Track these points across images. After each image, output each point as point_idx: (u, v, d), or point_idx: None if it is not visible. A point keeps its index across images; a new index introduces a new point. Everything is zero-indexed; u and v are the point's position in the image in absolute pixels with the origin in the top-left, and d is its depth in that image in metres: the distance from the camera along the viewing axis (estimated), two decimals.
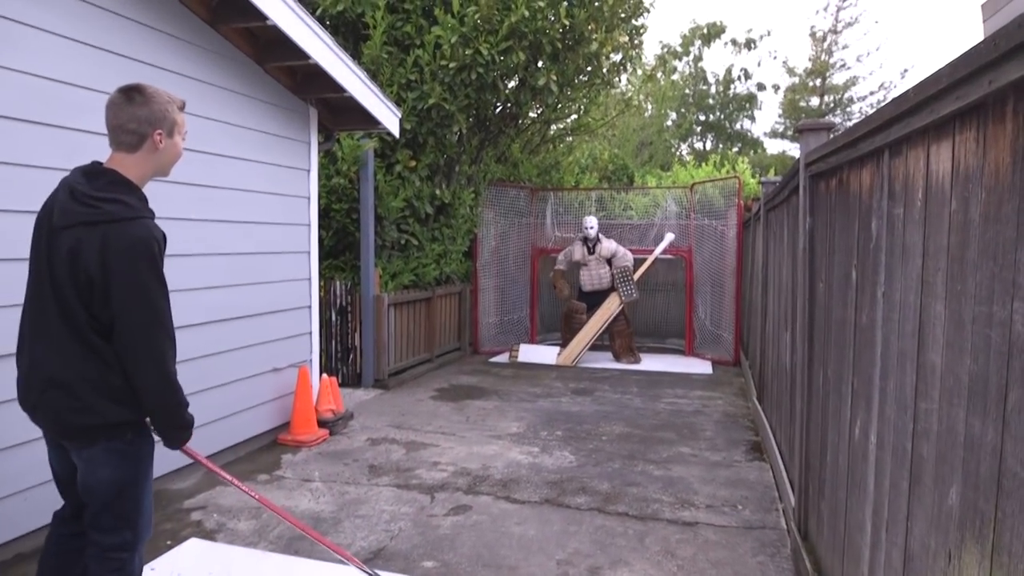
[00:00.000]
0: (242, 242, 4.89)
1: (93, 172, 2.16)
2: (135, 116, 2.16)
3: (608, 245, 9.01)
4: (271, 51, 4.97)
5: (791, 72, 29.65)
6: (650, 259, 9.18)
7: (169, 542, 3.53)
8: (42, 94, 3.41)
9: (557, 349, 9.11)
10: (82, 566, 2.30)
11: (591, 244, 9.03)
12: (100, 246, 2.02)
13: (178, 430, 2.24)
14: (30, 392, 2.17)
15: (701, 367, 8.85)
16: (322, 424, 5.53)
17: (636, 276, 8.92)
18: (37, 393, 2.15)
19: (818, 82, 28.86)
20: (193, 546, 3.48)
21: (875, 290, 2.15)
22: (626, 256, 8.98)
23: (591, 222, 9.08)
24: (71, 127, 3.54)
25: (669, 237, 9.22)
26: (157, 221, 2.17)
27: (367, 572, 2.84)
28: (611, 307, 8.93)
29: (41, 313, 2.13)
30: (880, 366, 2.08)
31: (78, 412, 2.09)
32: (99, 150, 2.39)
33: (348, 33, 8.14)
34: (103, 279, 2.04)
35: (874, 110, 2.05)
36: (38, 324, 2.15)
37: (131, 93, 2.18)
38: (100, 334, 2.09)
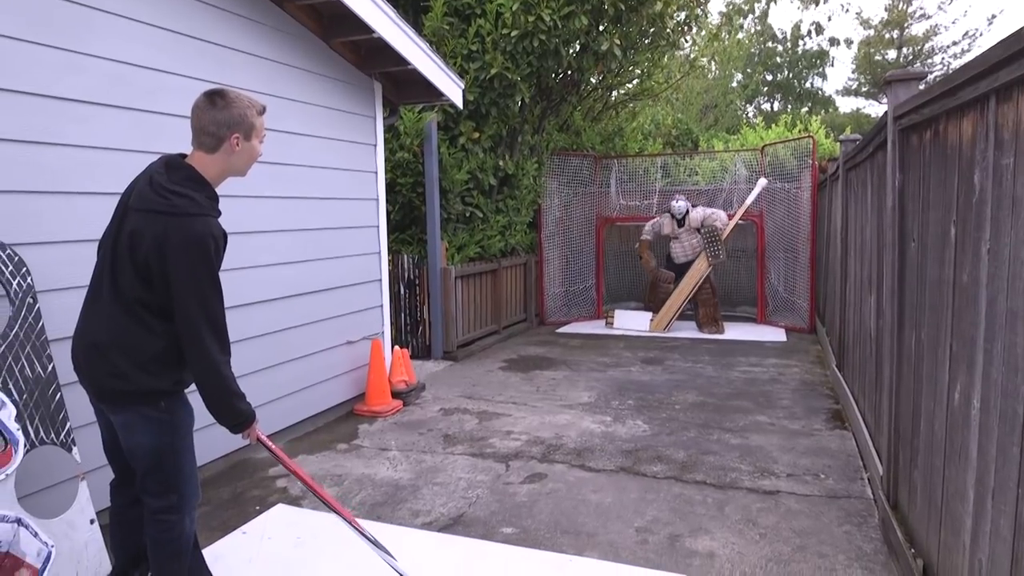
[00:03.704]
0: (314, 218, 4.98)
1: (174, 164, 2.28)
2: (215, 119, 2.26)
3: (697, 214, 8.68)
4: (335, 27, 5.00)
5: (866, 24, 28.15)
6: (741, 209, 8.83)
7: (258, 507, 3.67)
8: (122, 79, 3.52)
9: (650, 315, 8.95)
10: (141, 531, 2.46)
11: (680, 217, 8.78)
12: (161, 235, 2.14)
13: (227, 416, 2.30)
14: (77, 355, 2.32)
15: (774, 335, 8.62)
16: (395, 395, 5.64)
17: (727, 230, 8.58)
18: (82, 356, 2.29)
19: (895, 34, 27.33)
20: (280, 511, 3.62)
21: (979, 246, 2.02)
22: (715, 216, 8.60)
23: (680, 209, 8.72)
24: (150, 110, 3.65)
25: (762, 183, 8.79)
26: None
27: (368, 537, 2.73)
28: (700, 269, 8.64)
29: (98, 282, 2.29)
30: (984, 327, 1.97)
31: (113, 377, 2.22)
32: (176, 131, 2.46)
33: (408, 6, 8.13)
34: (160, 266, 2.15)
35: (957, 61, 1.91)
36: (94, 292, 2.30)
37: (214, 98, 2.29)
38: (148, 307, 2.21)
